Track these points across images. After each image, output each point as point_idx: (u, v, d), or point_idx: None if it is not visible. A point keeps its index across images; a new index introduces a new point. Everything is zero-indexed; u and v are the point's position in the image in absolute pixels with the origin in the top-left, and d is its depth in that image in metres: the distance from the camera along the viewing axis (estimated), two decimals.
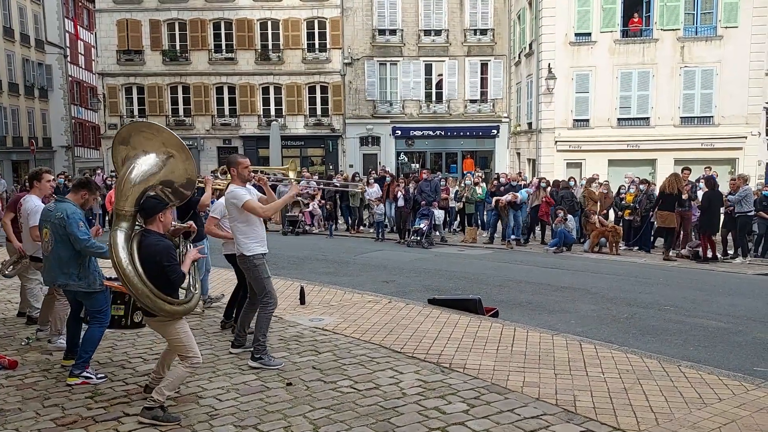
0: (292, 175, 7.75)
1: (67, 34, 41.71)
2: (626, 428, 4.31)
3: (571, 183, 16.84)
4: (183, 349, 4.52)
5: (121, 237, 4.43)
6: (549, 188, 16.27)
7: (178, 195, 4.91)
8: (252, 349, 5.76)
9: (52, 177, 6.85)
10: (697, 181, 15.31)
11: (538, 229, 17.58)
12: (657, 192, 14.49)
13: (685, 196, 13.67)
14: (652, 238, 15.09)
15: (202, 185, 7.56)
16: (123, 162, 4.75)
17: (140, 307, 4.61)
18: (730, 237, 13.95)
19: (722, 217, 13.79)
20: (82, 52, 45.22)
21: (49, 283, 5.62)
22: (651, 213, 14.36)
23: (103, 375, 5.30)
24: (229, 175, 6.83)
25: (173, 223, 5.05)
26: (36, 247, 6.20)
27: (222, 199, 6.45)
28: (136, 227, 4.60)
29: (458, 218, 18.98)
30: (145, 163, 4.63)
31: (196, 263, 4.94)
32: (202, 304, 7.71)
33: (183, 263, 4.66)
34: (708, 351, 6.68)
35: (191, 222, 5.73)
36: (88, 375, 5.18)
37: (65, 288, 5.39)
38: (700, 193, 14.47)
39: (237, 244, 5.74)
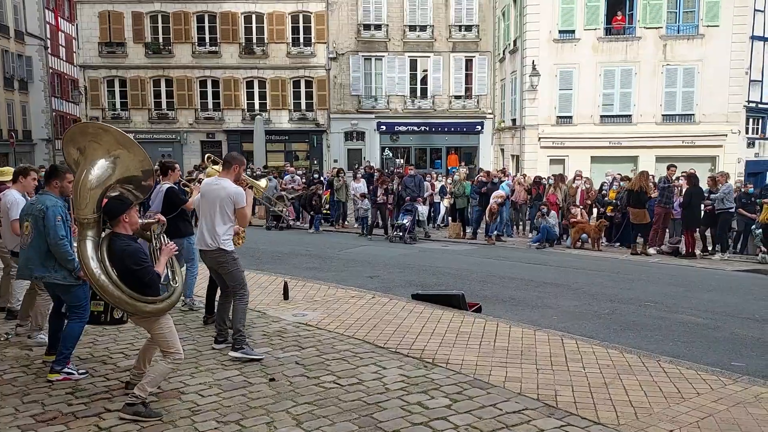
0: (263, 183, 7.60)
1: (47, 26, 41.09)
2: (606, 422, 4.36)
3: (551, 181, 16.91)
4: (165, 344, 4.50)
5: (89, 246, 4.33)
6: (558, 186, 16.26)
7: (141, 189, 4.75)
8: (232, 340, 5.79)
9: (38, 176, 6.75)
10: (677, 179, 15.48)
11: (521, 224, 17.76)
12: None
13: (655, 194, 13.84)
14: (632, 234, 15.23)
15: (188, 189, 7.47)
16: (75, 164, 4.59)
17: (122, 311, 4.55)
18: (708, 233, 14.12)
19: (701, 213, 13.96)
20: (63, 44, 44.56)
21: (23, 276, 5.53)
22: (627, 210, 14.48)
23: (84, 371, 5.25)
24: (215, 168, 6.77)
25: (141, 220, 4.95)
26: (16, 242, 6.11)
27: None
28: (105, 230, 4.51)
29: (442, 213, 19.07)
30: (97, 167, 4.47)
31: (175, 255, 4.86)
32: (182, 306, 7.59)
33: (158, 262, 4.58)
34: (687, 346, 6.77)
35: (159, 215, 5.67)
36: (70, 371, 5.13)
37: (44, 281, 5.33)
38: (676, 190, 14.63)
39: (216, 237, 5.66)
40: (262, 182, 7.12)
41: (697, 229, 13.97)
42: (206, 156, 7.53)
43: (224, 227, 5.69)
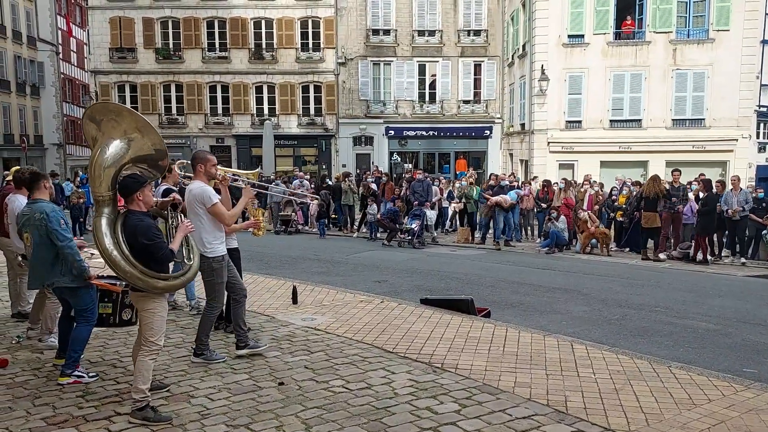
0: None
1: (59, 32, 41.50)
2: (617, 428, 4.33)
3: (561, 185, 16.88)
4: (149, 330, 4.49)
5: (103, 223, 4.41)
6: (569, 190, 16.28)
7: (156, 168, 4.83)
8: (194, 347, 5.81)
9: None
10: (689, 184, 15.40)
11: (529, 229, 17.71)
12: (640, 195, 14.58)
13: (674, 201, 13.75)
14: (642, 239, 15.14)
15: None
16: (93, 141, 4.66)
17: (131, 286, 4.57)
18: (715, 238, 14.01)
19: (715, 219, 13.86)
20: (75, 50, 44.99)
21: (34, 286, 5.54)
22: (635, 214, 14.42)
23: (94, 373, 5.27)
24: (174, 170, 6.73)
25: (156, 199, 5.03)
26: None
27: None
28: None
29: (451, 218, 19.03)
30: (112, 146, 4.56)
31: (190, 235, 4.93)
32: (189, 311, 7.63)
33: (174, 239, 4.67)
34: (698, 352, 6.72)
35: (175, 194, 5.69)
36: (80, 374, 5.16)
37: (52, 286, 5.36)
38: (691, 195, 14.55)
39: (196, 241, 5.53)
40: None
41: (710, 235, 13.89)
42: (178, 164, 7.18)
43: (205, 231, 5.52)
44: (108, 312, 5.62)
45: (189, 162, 6.05)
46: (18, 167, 7.59)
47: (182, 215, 5.09)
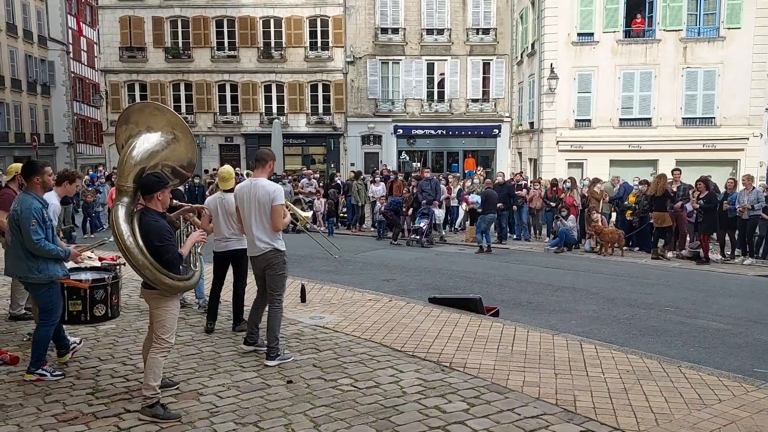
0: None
1: (69, 31, 41.77)
2: (626, 428, 4.32)
3: (567, 185, 16.80)
4: (162, 327, 4.51)
5: (122, 211, 4.49)
6: (575, 190, 16.21)
7: (178, 175, 4.94)
8: (267, 350, 5.69)
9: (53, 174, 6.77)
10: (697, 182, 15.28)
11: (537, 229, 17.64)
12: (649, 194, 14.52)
13: (681, 203, 13.70)
14: (652, 238, 15.06)
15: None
16: (125, 142, 4.76)
17: (141, 278, 4.58)
18: (727, 237, 13.92)
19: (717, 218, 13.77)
20: (85, 49, 45.27)
21: (9, 273, 5.46)
22: (649, 214, 14.37)
23: (60, 372, 5.27)
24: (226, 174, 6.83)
25: (176, 202, 5.09)
26: None
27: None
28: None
29: (461, 218, 18.97)
30: (147, 141, 4.66)
31: (197, 244, 4.98)
32: (197, 309, 7.67)
33: (184, 244, 4.73)
34: (708, 352, 6.69)
35: (198, 205, 5.78)
36: (43, 372, 5.17)
37: (26, 281, 5.22)
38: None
39: (270, 239, 5.64)
40: (304, 213, 7.16)
41: (715, 234, 13.80)
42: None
43: (272, 227, 5.66)
44: (78, 309, 5.53)
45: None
46: (16, 164, 7.62)
47: (193, 227, 5.15)
